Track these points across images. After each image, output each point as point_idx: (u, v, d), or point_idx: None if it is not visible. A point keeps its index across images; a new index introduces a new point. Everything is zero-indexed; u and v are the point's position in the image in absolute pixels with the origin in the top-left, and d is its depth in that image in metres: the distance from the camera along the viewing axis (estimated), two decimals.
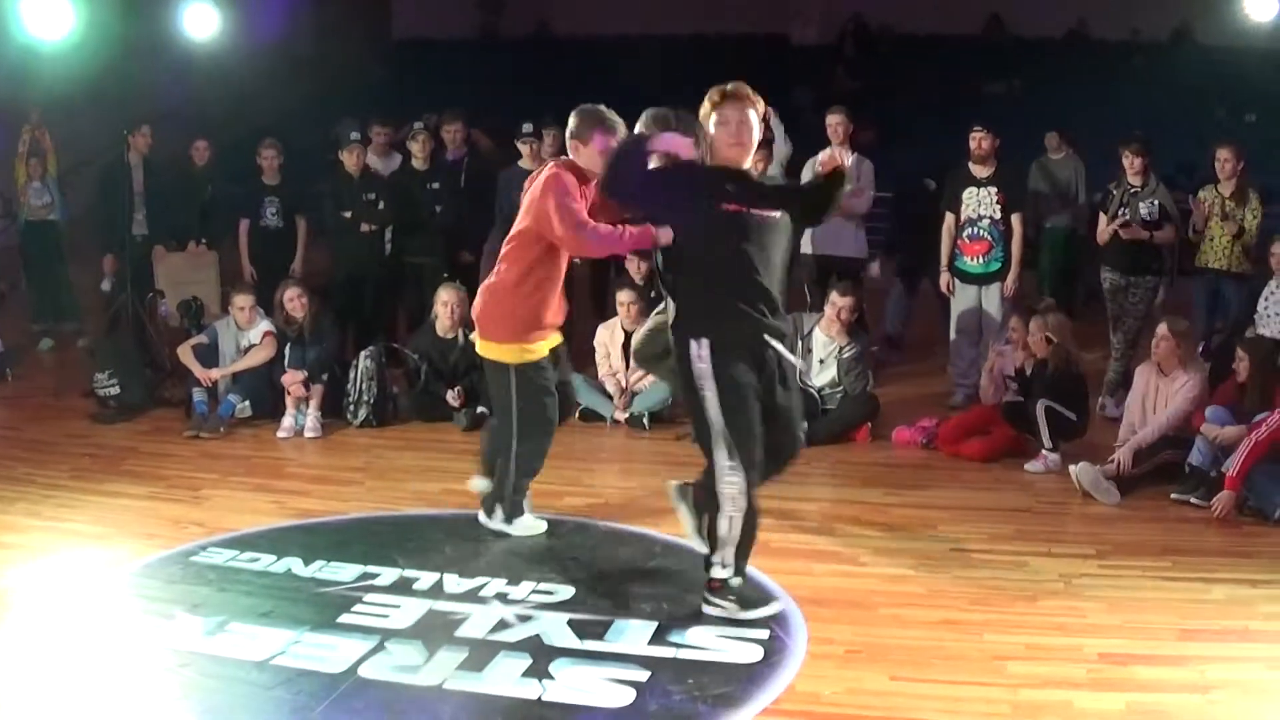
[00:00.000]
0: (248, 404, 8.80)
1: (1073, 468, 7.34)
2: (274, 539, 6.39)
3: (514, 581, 5.77)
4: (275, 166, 10.46)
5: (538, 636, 5.19)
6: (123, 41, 9.76)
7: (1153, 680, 4.86)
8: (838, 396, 8.65)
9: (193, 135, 11.52)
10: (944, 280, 9.41)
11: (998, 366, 8.54)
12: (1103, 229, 9.16)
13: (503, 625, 5.30)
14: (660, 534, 6.48)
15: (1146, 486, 7.31)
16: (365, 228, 9.95)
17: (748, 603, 5.36)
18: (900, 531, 6.54)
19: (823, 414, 8.58)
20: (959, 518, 6.67)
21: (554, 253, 6.03)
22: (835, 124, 9.62)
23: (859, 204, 9.68)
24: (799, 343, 8.70)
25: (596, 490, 7.46)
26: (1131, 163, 9.00)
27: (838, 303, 8.70)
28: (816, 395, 8.64)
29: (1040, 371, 7.98)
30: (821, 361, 8.73)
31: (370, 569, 5.87)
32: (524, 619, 5.37)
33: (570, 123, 6.09)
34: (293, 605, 5.50)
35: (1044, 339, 7.96)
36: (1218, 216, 8.99)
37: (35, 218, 11.46)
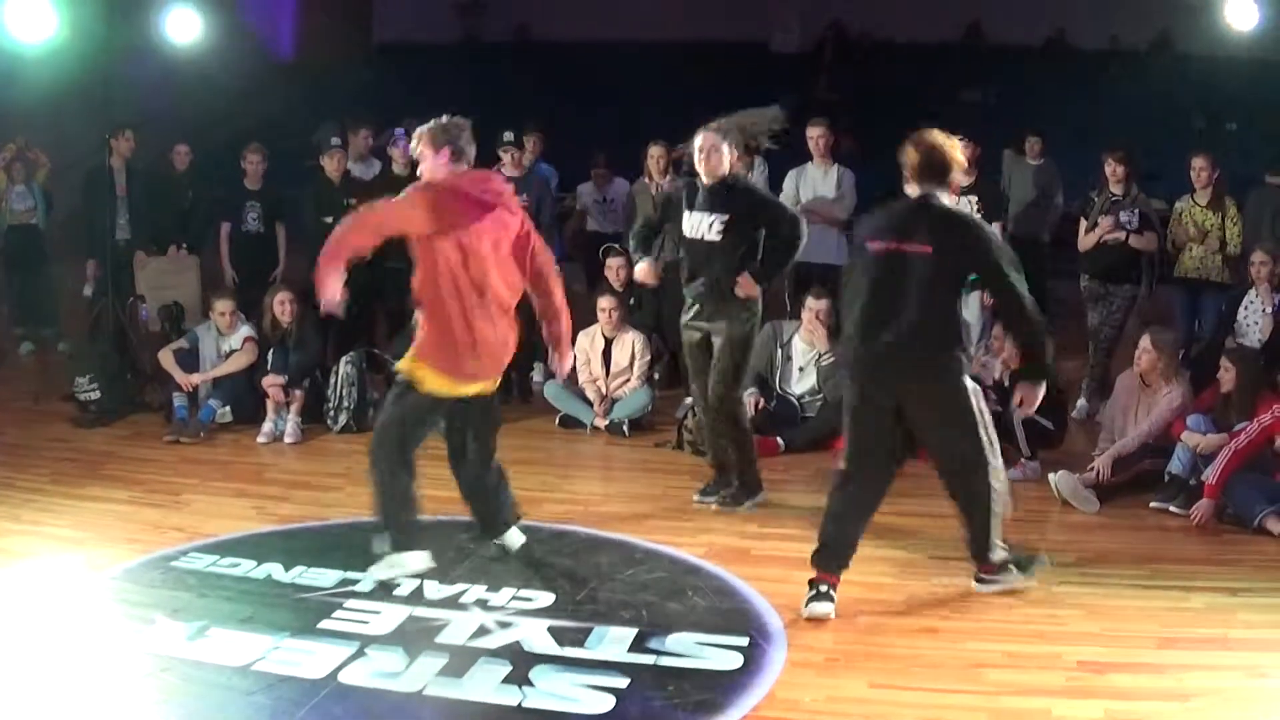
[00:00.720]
0: (228, 409, 8.79)
1: (1052, 476, 7.38)
2: (254, 544, 6.39)
3: (494, 588, 5.78)
4: (259, 172, 10.44)
5: (518, 643, 5.20)
6: (105, 45, 9.70)
7: (1131, 688, 4.89)
8: (818, 404, 8.67)
9: (174, 140, 11.50)
10: None
11: (981, 378, 8.53)
12: (1083, 236, 9.19)
13: (483, 631, 5.31)
14: (640, 540, 6.50)
15: (1126, 495, 7.34)
16: None
17: (1021, 566, 5.89)
18: (880, 539, 6.53)
19: (803, 422, 8.60)
20: (939, 526, 6.66)
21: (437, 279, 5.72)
22: (816, 136, 9.64)
23: (840, 211, 9.70)
24: (779, 350, 8.72)
25: (576, 497, 7.47)
26: (1114, 170, 9.02)
27: (813, 306, 8.71)
28: (796, 403, 8.66)
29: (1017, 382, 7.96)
30: (801, 369, 8.75)
31: (350, 574, 5.86)
32: (504, 625, 5.37)
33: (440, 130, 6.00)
34: (273, 611, 5.50)
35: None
36: (1195, 240, 9.03)
37: (17, 222, 11.41)
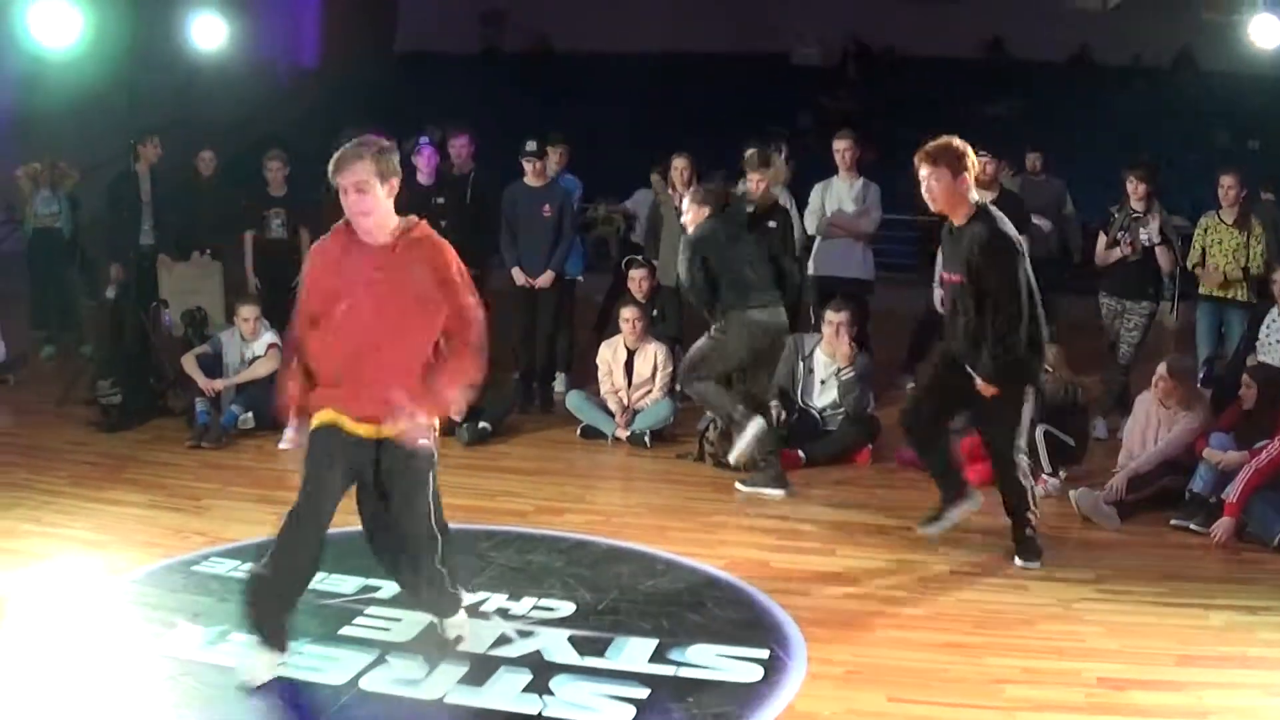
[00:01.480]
0: (250, 415, 8.80)
1: (1072, 493, 7.37)
2: None
3: (515, 597, 5.79)
4: (281, 178, 10.50)
5: (538, 652, 5.21)
6: (130, 51, 9.79)
7: (1150, 705, 4.88)
8: (839, 418, 8.67)
9: (198, 145, 11.56)
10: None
11: None
12: (1101, 251, 9.16)
13: (504, 640, 5.32)
14: (661, 551, 6.51)
15: (1146, 512, 7.32)
16: None
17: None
18: (900, 553, 6.55)
19: (824, 435, 8.60)
20: (959, 540, 6.68)
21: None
22: (843, 149, 9.65)
23: (866, 225, 9.70)
24: (800, 363, 8.72)
25: (598, 507, 7.47)
26: (1135, 188, 8.97)
27: (832, 319, 8.68)
28: (818, 416, 8.66)
29: (1039, 398, 7.98)
30: (823, 382, 8.73)
31: (371, 581, 5.87)
32: (525, 634, 5.39)
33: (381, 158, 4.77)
34: (294, 616, 5.50)
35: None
36: (1216, 284, 9.06)
37: (42, 225, 11.49)
